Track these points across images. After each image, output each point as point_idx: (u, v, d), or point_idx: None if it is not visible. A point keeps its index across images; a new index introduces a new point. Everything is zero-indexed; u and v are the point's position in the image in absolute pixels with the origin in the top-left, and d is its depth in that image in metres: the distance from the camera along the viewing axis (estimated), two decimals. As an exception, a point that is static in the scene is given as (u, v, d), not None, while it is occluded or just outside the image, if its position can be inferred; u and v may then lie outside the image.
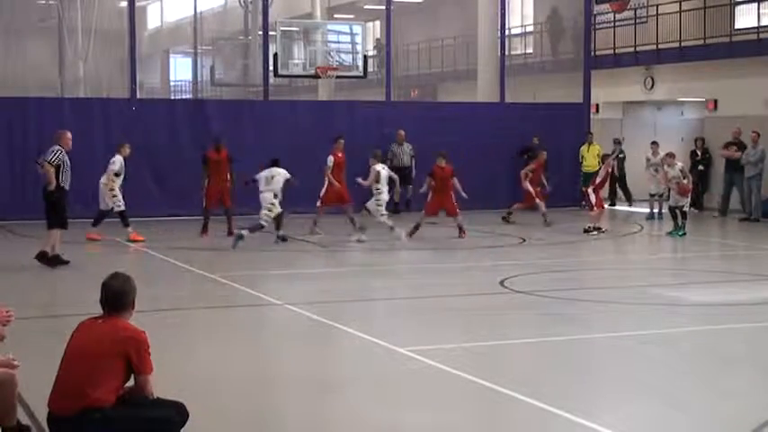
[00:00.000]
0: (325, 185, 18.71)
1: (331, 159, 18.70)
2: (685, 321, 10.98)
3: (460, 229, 18.32)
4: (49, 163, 14.32)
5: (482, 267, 15.17)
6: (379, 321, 10.78)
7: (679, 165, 19.25)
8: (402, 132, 23.66)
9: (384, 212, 17.91)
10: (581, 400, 7.62)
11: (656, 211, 22.27)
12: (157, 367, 5.98)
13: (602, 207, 19.65)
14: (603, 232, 19.18)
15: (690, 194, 19.41)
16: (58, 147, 14.46)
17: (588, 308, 11.76)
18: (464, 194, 18.21)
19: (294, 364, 8.89)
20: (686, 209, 19.21)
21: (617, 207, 25.81)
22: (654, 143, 23.04)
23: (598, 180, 19.65)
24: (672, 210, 19.25)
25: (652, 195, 22.35)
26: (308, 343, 9.75)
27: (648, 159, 22.59)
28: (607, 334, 10.11)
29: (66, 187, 14.49)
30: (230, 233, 17.63)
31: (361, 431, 6.98)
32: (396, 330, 10.08)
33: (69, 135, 14.67)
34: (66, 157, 14.47)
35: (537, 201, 20.65)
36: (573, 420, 6.90)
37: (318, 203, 18.84)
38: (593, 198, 19.43)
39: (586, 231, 19.17)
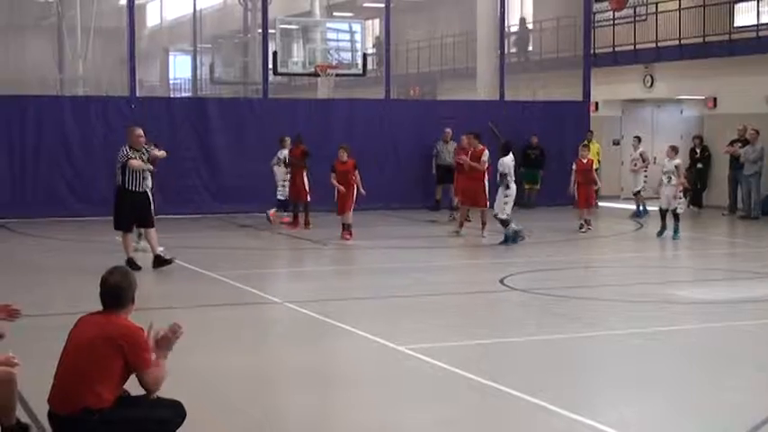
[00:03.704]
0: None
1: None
2: (686, 319, 10.99)
3: (343, 228, 17.67)
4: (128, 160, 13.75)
5: (482, 265, 15.17)
6: (380, 319, 10.76)
7: (676, 161, 18.16)
8: (449, 131, 23.34)
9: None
10: (582, 397, 7.62)
11: (641, 208, 22.06)
12: (158, 366, 5.96)
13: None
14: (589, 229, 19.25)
15: (682, 195, 18.57)
16: (126, 148, 13.90)
17: (589, 306, 11.76)
18: (362, 191, 17.66)
19: (294, 362, 8.87)
20: (679, 211, 17.98)
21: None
22: (636, 138, 22.77)
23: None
24: (662, 211, 18.12)
25: (635, 193, 22.14)
26: (308, 341, 9.73)
27: (631, 154, 22.50)
28: (608, 332, 10.11)
29: (131, 188, 13.90)
30: (306, 224, 19.11)
31: (362, 429, 6.96)
32: (396, 328, 10.07)
33: (138, 132, 13.97)
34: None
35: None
36: (574, 418, 6.89)
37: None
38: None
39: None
